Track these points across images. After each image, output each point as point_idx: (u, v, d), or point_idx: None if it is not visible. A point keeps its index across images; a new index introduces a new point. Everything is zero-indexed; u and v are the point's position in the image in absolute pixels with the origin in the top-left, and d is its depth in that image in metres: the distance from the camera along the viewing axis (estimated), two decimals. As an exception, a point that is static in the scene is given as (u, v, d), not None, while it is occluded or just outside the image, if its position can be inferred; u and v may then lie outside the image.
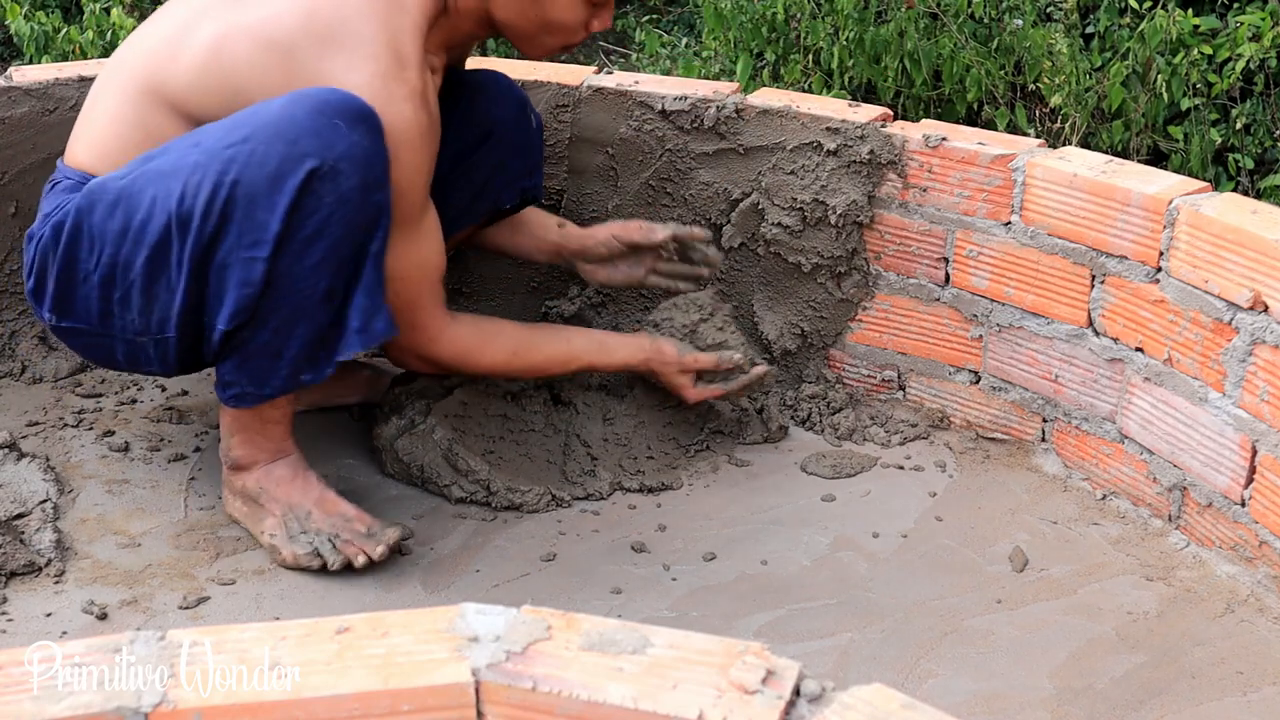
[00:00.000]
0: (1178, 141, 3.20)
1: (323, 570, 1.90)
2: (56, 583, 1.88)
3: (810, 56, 3.43)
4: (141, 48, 1.92)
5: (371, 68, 1.79)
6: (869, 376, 2.37)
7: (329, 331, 1.82)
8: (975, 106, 3.34)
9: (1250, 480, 1.88)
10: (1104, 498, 2.12)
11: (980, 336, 2.23)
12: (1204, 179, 3.06)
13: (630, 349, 2.15)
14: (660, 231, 2.26)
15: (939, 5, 3.27)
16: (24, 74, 2.37)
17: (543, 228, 2.33)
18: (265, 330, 1.80)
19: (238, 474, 1.99)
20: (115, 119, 1.90)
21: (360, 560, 1.90)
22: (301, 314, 1.79)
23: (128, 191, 1.80)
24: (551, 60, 2.46)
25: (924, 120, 2.34)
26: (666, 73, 3.79)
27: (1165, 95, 3.13)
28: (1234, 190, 3.20)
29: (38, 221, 1.91)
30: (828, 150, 2.25)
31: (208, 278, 1.78)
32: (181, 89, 1.86)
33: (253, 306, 1.77)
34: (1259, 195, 3.14)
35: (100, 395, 2.36)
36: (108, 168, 1.88)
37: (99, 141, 1.91)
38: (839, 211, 2.26)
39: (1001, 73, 3.24)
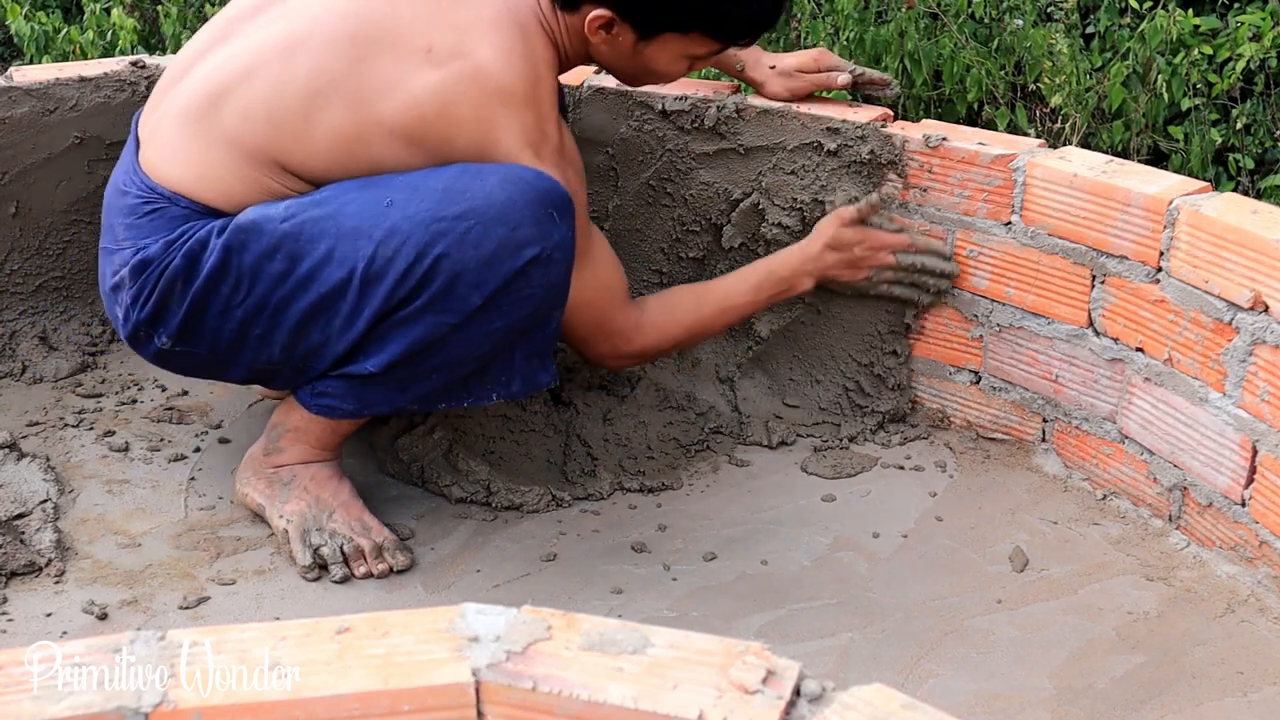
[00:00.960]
0: (1178, 141, 3.20)
1: (319, 578, 1.91)
2: (57, 583, 1.88)
3: (810, 56, 3.43)
4: (254, 111, 1.85)
5: (521, 142, 1.83)
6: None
7: (461, 380, 1.87)
8: (975, 106, 3.33)
9: (1250, 480, 1.88)
10: (1104, 498, 2.12)
11: (980, 336, 2.23)
12: (1204, 179, 3.06)
13: (795, 259, 2.18)
14: (841, 78, 2.26)
15: (939, 5, 3.26)
16: (24, 74, 2.37)
17: (726, 64, 2.31)
18: (407, 370, 1.83)
19: (274, 458, 1.99)
20: (234, 174, 1.86)
21: (361, 571, 1.92)
22: (450, 366, 1.84)
23: (293, 237, 1.81)
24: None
25: (924, 120, 2.34)
26: (667, 73, 3.78)
27: (1165, 95, 3.13)
28: (1234, 190, 3.20)
29: (153, 247, 1.85)
30: (828, 150, 2.25)
31: (376, 328, 1.81)
32: (311, 168, 1.85)
33: (414, 358, 1.81)
34: (1259, 195, 3.13)
35: (100, 395, 2.36)
36: (235, 207, 1.86)
37: (216, 183, 1.87)
38: (839, 211, 2.26)
39: (1002, 73, 3.24)
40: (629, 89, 2.37)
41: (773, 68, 2.27)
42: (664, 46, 1.94)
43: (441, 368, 1.85)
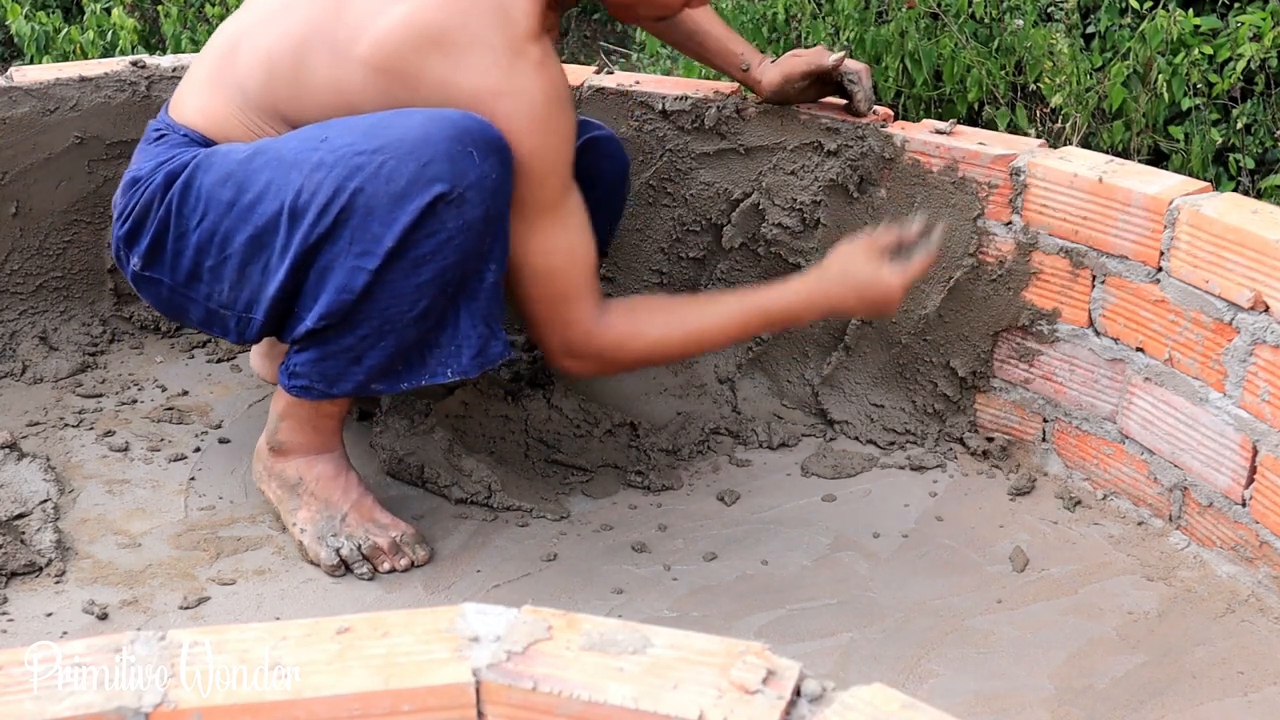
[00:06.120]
0: (1178, 141, 3.20)
1: (345, 575, 1.92)
2: (57, 583, 1.88)
3: (811, 56, 3.43)
4: (258, 58, 1.88)
5: (489, 68, 1.77)
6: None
7: (412, 349, 1.82)
8: (976, 106, 3.34)
9: (1251, 480, 1.88)
10: (1104, 498, 2.12)
11: (981, 336, 2.23)
12: (1204, 179, 3.06)
13: (797, 295, 1.95)
14: (831, 57, 2.19)
15: (940, 5, 3.27)
16: (24, 74, 2.37)
17: (724, 63, 2.26)
18: (351, 335, 1.80)
19: (279, 458, 1.98)
20: (237, 116, 1.90)
21: (385, 567, 1.93)
22: (392, 328, 1.79)
23: (245, 168, 1.81)
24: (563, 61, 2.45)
25: (924, 120, 2.34)
26: (667, 73, 3.78)
27: (1166, 95, 3.13)
28: (1234, 190, 3.20)
29: (145, 167, 1.90)
30: (828, 150, 2.25)
31: (307, 273, 1.79)
32: (312, 119, 1.85)
33: (346, 312, 1.78)
34: (1259, 195, 3.13)
35: (100, 395, 2.36)
36: (226, 140, 1.90)
37: (218, 120, 1.91)
38: (839, 211, 2.26)
39: (1002, 73, 3.24)
40: (629, 89, 2.37)
41: (772, 62, 2.26)
42: None
43: (384, 330, 1.79)
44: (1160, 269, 1.96)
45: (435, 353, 1.83)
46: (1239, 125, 3.19)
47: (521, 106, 1.78)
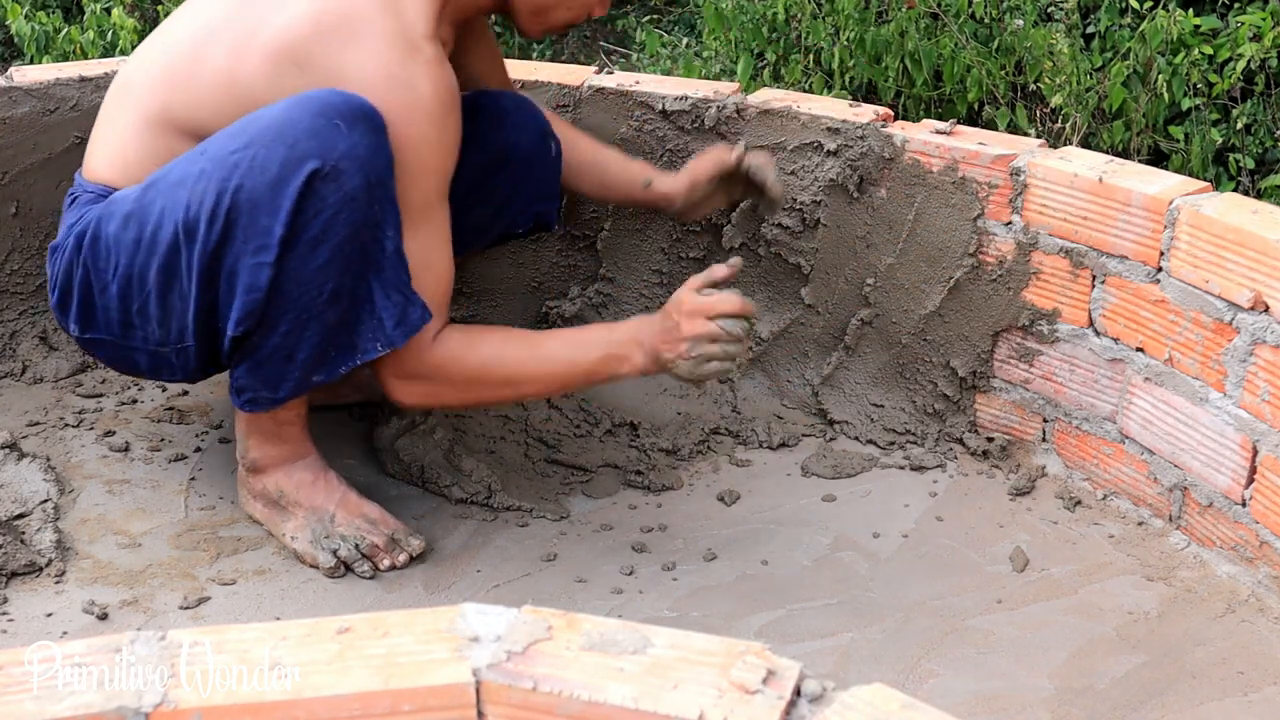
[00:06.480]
0: (1178, 141, 3.20)
1: (345, 575, 1.92)
2: (57, 583, 1.88)
3: (811, 56, 3.43)
4: (154, 73, 1.90)
5: (383, 54, 1.77)
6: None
7: (338, 331, 1.80)
8: (976, 106, 3.34)
9: (1251, 480, 1.88)
10: (1104, 498, 2.12)
11: (981, 336, 2.23)
12: (1204, 179, 3.06)
13: (634, 323, 1.90)
14: (733, 153, 2.22)
15: (940, 5, 3.27)
16: (24, 74, 2.37)
17: (628, 184, 2.29)
18: (275, 334, 1.79)
19: (257, 476, 1.99)
20: (134, 142, 1.89)
21: (385, 564, 1.93)
22: (310, 316, 1.77)
23: (140, 203, 1.81)
24: (552, 60, 2.45)
25: (924, 120, 2.34)
26: (667, 73, 3.78)
27: (1166, 95, 3.13)
28: (1234, 190, 3.20)
29: (61, 234, 1.92)
30: (828, 150, 2.25)
31: (218, 285, 1.78)
32: (203, 119, 1.84)
33: (259, 311, 1.76)
34: (1259, 195, 3.13)
35: (101, 395, 2.36)
36: (128, 183, 1.89)
37: (118, 158, 1.91)
38: (839, 211, 2.26)
39: (1002, 73, 3.24)
40: (629, 89, 2.37)
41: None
42: None
43: (303, 320, 1.77)
44: (1160, 269, 1.96)
45: (360, 330, 1.81)
46: (1239, 125, 3.19)
47: (408, 96, 1.77)
